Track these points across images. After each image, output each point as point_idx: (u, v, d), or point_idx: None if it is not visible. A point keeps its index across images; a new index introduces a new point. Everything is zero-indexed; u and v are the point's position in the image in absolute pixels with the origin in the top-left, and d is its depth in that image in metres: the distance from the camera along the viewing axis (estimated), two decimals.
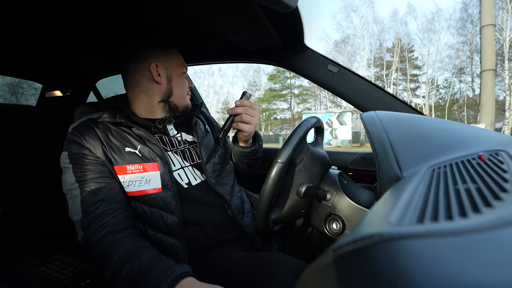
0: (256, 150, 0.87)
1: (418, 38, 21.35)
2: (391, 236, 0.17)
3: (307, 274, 0.20)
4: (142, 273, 0.55)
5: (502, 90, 17.67)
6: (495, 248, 0.14)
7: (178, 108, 0.83)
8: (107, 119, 0.74)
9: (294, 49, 0.94)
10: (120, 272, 0.56)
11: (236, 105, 0.79)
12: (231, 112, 0.80)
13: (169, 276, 0.52)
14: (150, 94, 0.81)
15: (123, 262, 0.57)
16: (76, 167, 0.69)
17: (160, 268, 0.55)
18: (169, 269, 0.54)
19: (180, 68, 0.84)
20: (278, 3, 0.54)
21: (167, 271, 0.53)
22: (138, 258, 0.57)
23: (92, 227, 0.63)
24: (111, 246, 0.60)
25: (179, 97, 0.83)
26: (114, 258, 0.58)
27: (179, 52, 0.86)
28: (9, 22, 0.76)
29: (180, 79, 0.83)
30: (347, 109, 16.38)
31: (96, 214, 0.64)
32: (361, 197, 0.66)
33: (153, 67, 0.78)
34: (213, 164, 0.83)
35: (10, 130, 1.09)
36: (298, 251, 0.81)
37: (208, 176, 0.80)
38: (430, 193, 0.27)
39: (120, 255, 0.58)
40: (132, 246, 0.60)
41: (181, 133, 0.86)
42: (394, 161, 0.43)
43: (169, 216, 0.71)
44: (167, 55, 0.81)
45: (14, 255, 0.92)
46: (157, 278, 0.53)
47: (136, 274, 0.55)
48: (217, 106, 27.97)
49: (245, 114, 0.78)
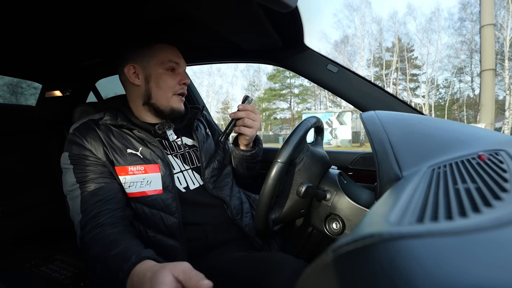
0: (256, 154, 0.87)
1: (418, 38, 21.37)
2: (391, 236, 0.17)
3: (307, 273, 0.20)
4: (109, 263, 0.53)
5: (502, 89, 17.69)
6: (495, 248, 0.14)
7: (162, 111, 0.79)
8: (108, 121, 0.74)
9: (294, 49, 0.94)
10: (95, 266, 0.55)
11: (239, 109, 0.78)
12: (233, 116, 0.79)
13: (126, 263, 0.50)
14: (133, 97, 0.80)
15: (99, 256, 0.56)
16: (77, 168, 0.69)
17: (122, 257, 0.52)
18: (130, 256, 0.51)
19: (163, 65, 0.77)
20: (278, 3, 0.54)
21: (127, 258, 0.51)
22: (110, 249, 0.55)
23: (88, 226, 0.63)
24: (96, 242, 0.60)
25: (160, 99, 0.78)
26: (94, 252, 0.57)
27: (169, 45, 0.79)
28: (9, 21, 0.76)
29: (161, 78, 0.77)
30: (347, 109, 16.38)
31: (93, 214, 0.64)
32: (361, 197, 0.66)
33: (128, 68, 0.76)
34: (212, 169, 0.83)
35: (10, 130, 1.09)
36: (298, 251, 0.81)
37: (206, 182, 0.80)
38: (430, 193, 0.27)
39: (99, 248, 0.57)
40: (111, 240, 0.59)
41: (181, 138, 0.85)
42: (394, 161, 0.43)
43: (169, 218, 0.71)
44: (147, 53, 0.76)
45: (14, 255, 0.92)
46: (118, 266, 0.51)
47: (105, 266, 0.54)
48: (216, 106, 27.99)
49: (247, 118, 0.78)
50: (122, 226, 0.66)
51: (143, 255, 0.52)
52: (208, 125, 0.96)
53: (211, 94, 26.73)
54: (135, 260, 0.50)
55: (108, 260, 0.54)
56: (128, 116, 0.79)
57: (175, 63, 0.78)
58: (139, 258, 0.51)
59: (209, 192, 0.79)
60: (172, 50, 0.79)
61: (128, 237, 0.62)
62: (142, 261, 0.51)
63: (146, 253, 0.53)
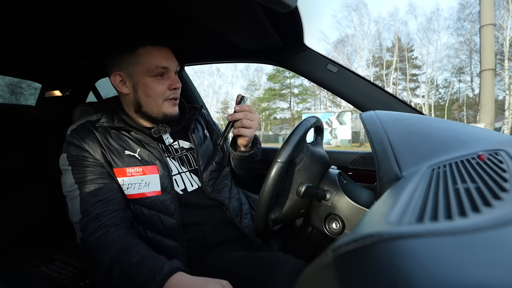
0: (255, 154, 0.86)
1: (418, 38, 21.39)
2: (390, 236, 0.17)
3: (307, 273, 0.20)
4: (132, 273, 0.54)
5: (501, 89, 17.69)
6: (494, 247, 0.14)
7: (155, 118, 0.76)
8: (105, 123, 0.73)
9: (294, 49, 0.94)
10: (111, 273, 0.56)
11: (236, 110, 0.75)
12: (230, 118, 0.76)
13: (158, 274, 0.52)
14: (125, 105, 0.79)
15: (114, 262, 0.57)
16: (75, 168, 0.69)
17: (149, 267, 0.54)
18: (158, 267, 0.54)
19: (150, 72, 0.72)
20: (278, 3, 0.54)
21: (156, 268, 0.53)
22: (128, 257, 0.56)
23: (89, 228, 0.63)
24: (104, 245, 0.60)
25: (150, 107, 0.75)
26: (106, 258, 0.58)
27: (156, 47, 0.73)
28: (8, 21, 0.76)
29: (149, 86, 0.73)
30: (346, 109, 16.38)
31: (94, 215, 0.64)
32: (361, 197, 0.66)
33: (114, 77, 0.74)
34: (210, 172, 0.82)
35: (10, 130, 1.09)
36: (298, 250, 0.81)
37: (204, 185, 0.80)
38: (429, 192, 0.27)
39: (112, 254, 0.58)
40: (123, 245, 0.60)
41: (177, 141, 0.83)
42: (394, 160, 0.43)
43: (168, 219, 0.71)
44: (132, 60, 0.72)
45: (14, 255, 0.92)
46: (147, 277, 0.52)
47: (126, 274, 0.55)
48: (216, 106, 28.00)
49: (245, 119, 0.75)
50: (125, 227, 0.66)
51: (175, 266, 0.55)
52: (207, 125, 0.95)
53: (211, 94, 26.75)
54: (168, 272, 0.53)
55: (130, 270, 0.55)
56: (124, 119, 0.78)
57: (163, 68, 0.73)
58: (172, 270, 0.53)
59: (208, 195, 0.79)
60: (160, 53, 0.73)
61: (139, 243, 0.63)
62: (175, 272, 0.53)
63: (176, 264, 0.56)
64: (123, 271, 0.55)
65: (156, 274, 0.52)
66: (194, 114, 0.88)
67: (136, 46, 0.72)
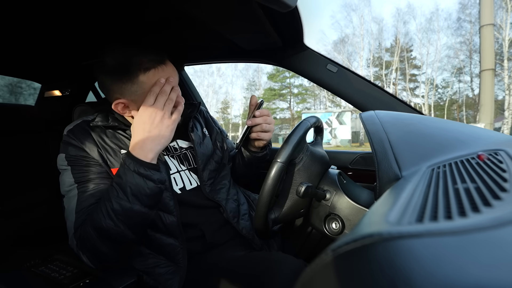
0: (267, 154, 0.88)
1: (417, 38, 21.39)
2: (390, 236, 0.17)
3: (306, 273, 0.20)
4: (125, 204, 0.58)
5: (501, 89, 17.69)
6: (494, 247, 0.14)
7: None
8: (100, 122, 0.72)
9: (294, 49, 0.94)
10: (108, 224, 0.58)
11: (256, 115, 0.77)
12: (251, 123, 0.77)
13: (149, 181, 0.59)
14: (128, 120, 0.76)
15: (104, 216, 0.58)
16: (75, 168, 0.68)
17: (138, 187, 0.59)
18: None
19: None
20: (278, 3, 0.54)
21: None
22: (107, 201, 0.59)
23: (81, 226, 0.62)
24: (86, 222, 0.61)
25: None
26: (93, 225, 0.59)
27: (155, 69, 0.66)
28: (8, 21, 0.75)
29: None
30: (346, 109, 16.38)
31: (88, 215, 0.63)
32: (361, 197, 0.66)
33: (116, 105, 0.68)
34: (209, 172, 0.82)
35: (9, 130, 1.09)
36: (297, 250, 0.81)
37: (203, 184, 0.79)
38: (429, 192, 0.27)
39: (94, 218, 0.59)
40: (94, 211, 0.61)
41: (176, 141, 0.83)
42: (394, 160, 0.43)
43: (167, 217, 0.70)
44: (135, 89, 0.66)
45: (14, 255, 0.92)
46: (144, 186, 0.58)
47: (118, 207, 0.58)
48: (216, 106, 27.97)
49: (265, 124, 0.78)
50: None
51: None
52: (205, 122, 0.93)
53: (211, 93, 26.73)
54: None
55: (121, 203, 0.58)
56: (118, 118, 0.76)
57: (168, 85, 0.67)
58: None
59: (205, 195, 0.79)
60: (164, 73, 0.67)
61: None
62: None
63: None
64: (115, 211, 0.58)
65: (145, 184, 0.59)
66: (192, 111, 0.85)
67: (136, 75, 0.65)
